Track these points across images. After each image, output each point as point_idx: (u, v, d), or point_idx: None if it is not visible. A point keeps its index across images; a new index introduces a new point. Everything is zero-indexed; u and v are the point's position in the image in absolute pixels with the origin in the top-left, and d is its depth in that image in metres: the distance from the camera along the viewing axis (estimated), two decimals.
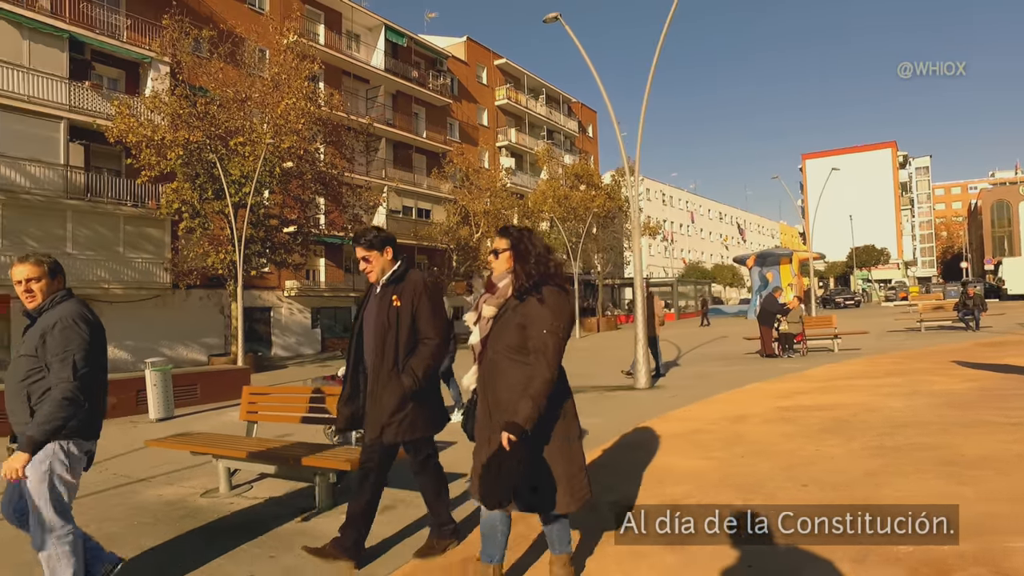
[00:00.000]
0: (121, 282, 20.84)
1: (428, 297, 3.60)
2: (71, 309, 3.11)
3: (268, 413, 6.02)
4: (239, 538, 4.43)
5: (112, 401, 11.14)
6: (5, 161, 18.46)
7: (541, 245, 2.97)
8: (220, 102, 19.71)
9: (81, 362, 2.97)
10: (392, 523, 4.48)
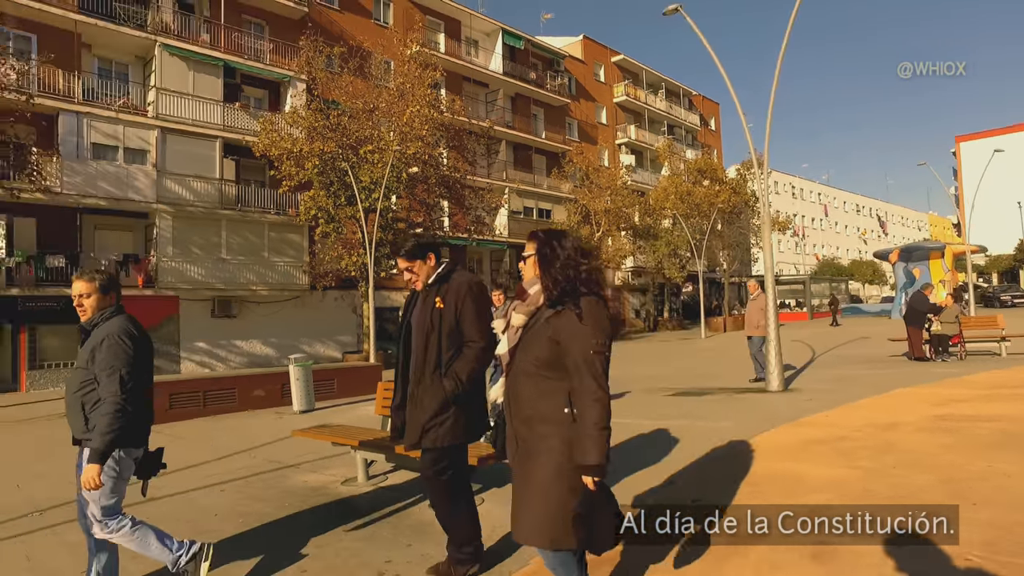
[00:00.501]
0: (266, 284, 22.66)
1: (472, 299, 3.44)
2: (118, 325, 3.32)
3: None
4: (374, 526, 4.66)
5: (260, 393, 12.14)
6: (174, 178, 20.64)
7: (571, 248, 2.67)
8: (350, 113, 20.90)
9: (127, 376, 3.21)
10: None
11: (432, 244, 3.67)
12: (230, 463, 7.32)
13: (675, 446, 6.69)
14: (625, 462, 6.03)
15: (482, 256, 32.55)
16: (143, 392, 3.36)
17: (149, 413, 3.50)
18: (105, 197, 19.33)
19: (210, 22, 22.83)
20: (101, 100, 20.13)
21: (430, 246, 3.64)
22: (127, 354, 3.25)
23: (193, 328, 21.35)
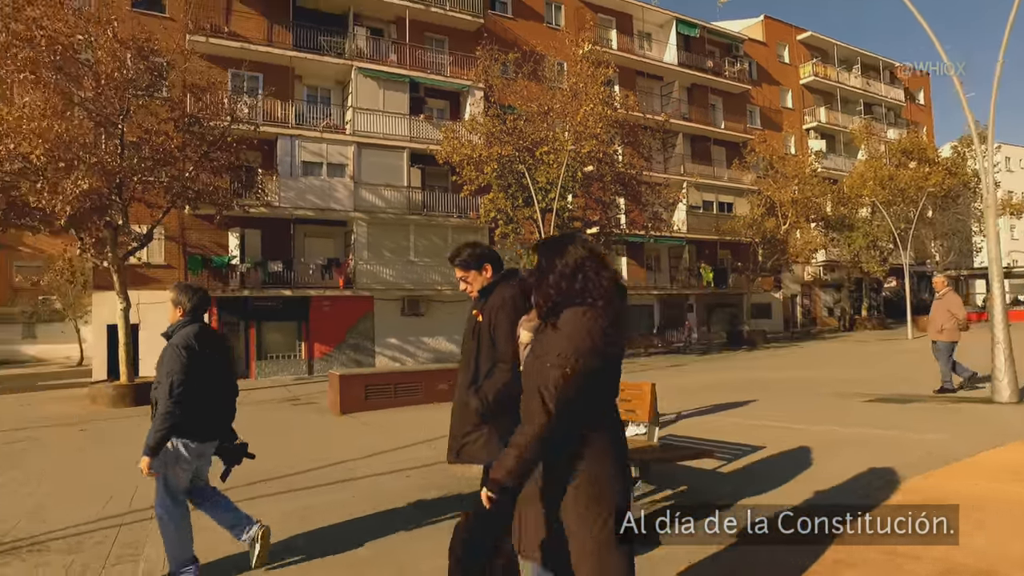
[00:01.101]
0: (450, 284, 24.01)
1: (506, 315, 3.16)
2: (180, 337, 3.69)
3: None
4: None
5: (444, 387, 12.84)
6: (368, 188, 22.66)
7: (572, 257, 2.33)
8: (526, 117, 21.46)
9: (178, 384, 3.54)
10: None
11: (489, 254, 3.45)
12: (414, 452, 7.84)
13: (872, 458, 6.01)
14: (813, 473, 5.53)
15: (660, 253, 31.80)
16: (204, 394, 3.70)
17: (217, 411, 3.87)
18: (312, 208, 21.72)
19: (397, 43, 24.73)
20: (308, 123, 22.69)
21: (487, 256, 3.44)
22: (180, 363, 3.60)
23: (386, 325, 23.25)
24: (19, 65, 13.77)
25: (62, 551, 4.57)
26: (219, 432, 3.94)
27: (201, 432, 3.79)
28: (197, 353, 3.71)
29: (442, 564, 3.09)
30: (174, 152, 15.57)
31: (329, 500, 5.64)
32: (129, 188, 15.12)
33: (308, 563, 4.13)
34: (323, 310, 22.19)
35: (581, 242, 2.42)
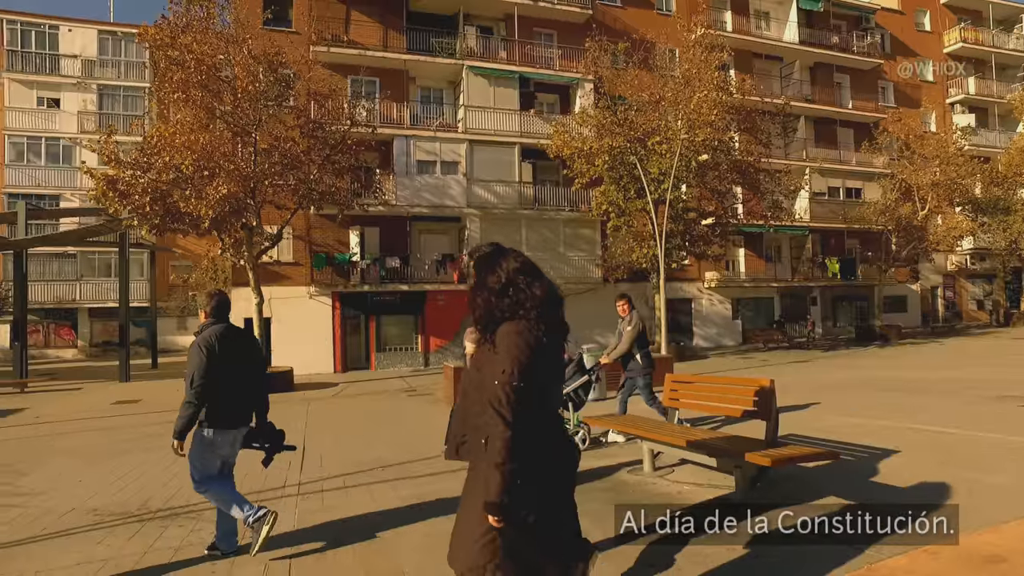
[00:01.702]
0: (562, 278, 24.02)
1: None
2: (203, 337, 4.10)
3: (690, 401, 6.14)
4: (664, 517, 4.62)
5: None
6: (480, 184, 23.13)
7: (503, 272, 2.40)
8: (637, 107, 21.02)
9: (197, 378, 3.96)
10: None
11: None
12: None
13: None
14: (963, 485, 5.04)
15: (780, 243, 30.16)
16: (226, 387, 4.07)
17: (242, 402, 4.23)
18: (427, 205, 22.46)
19: (506, 40, 25.00)
20: (422, 123, 23.46)
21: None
22: (200, 360, 4.01)
23: None
24: (173, 87, 15.32)
25: (209, 520, 5.03)
26: (241, 421, 4.26)
27: (223, 421, 4.13)
28: (218, 351, 4.07)
29: None
30: (300, 156, 16.65)
31: (441, 488, 5.82)
32: (261, 191, 16.33)
33: (430, 540, 4.29)
34: (438, 304, 22.92)
35: (513, 256, 2.47)
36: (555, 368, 2.42)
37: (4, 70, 31.62)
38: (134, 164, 15.07)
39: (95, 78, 32.45)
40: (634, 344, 7.45)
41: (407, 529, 4.69)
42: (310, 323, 21.47)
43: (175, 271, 32.29)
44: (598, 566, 2.98)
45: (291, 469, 6.96)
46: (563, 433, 2.53)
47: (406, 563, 4.02)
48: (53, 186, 31.35)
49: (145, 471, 7.18)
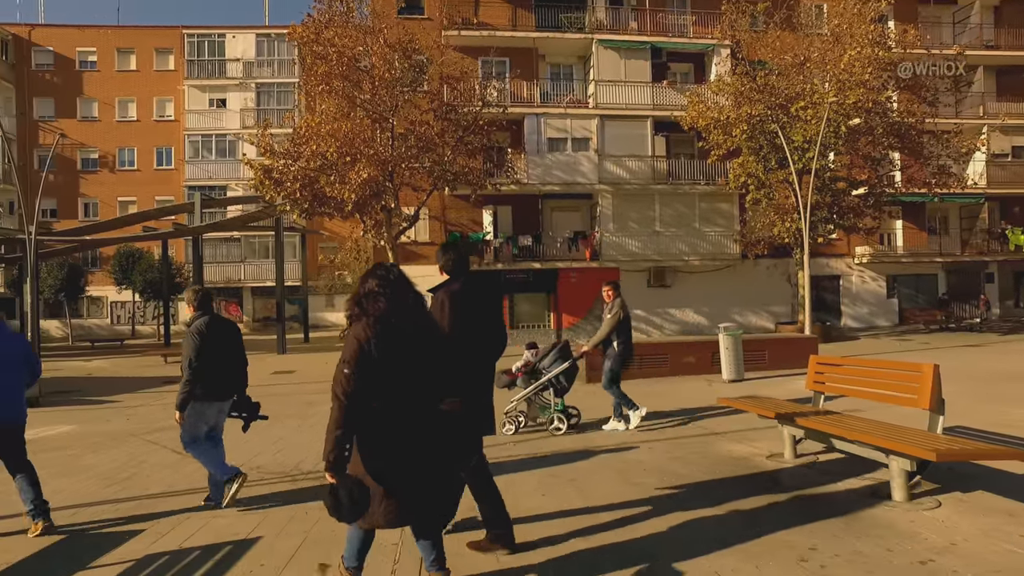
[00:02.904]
0: (697, 254, 23.15)
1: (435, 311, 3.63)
2: (194, 326, 4.85)
3: (837, 385, 5.68)
4: (800, 508, 4.33)
5: (691, 360, 12.51)
6: (611, 160, 22.73)
7: (363, 287, 3.04)
8: (778, 71, 19.61)
9: (193, 360, 4.70)
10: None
11: (446, 261, 3.88)
12: (659, 424, 7.75)
13: None
14: None
15: (947, 213, 27.03)
16: (217, 367, 4.82)
17: (226, 378, 4.97)
18: (559, 183, 22.43)
19: (637, 9, 24.17)
20: (552, 100, 23.36)
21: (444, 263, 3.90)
22: (192, 345, 4.75)
23: (632, 297, 23.08)
24: (318, 79, 16.37)
25: None
26: (226, 394, 5.02)
27: (211, 394, 4.88)
28: (206, 337, 4.81)
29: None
30: (435, 139, 17.21)
31: (573, 468, 5.83)
32: (399, 174, 17.09)
33: (550, 521, 4.31)
34: (570, 282, 22.93)
35: (375, 277, 3.06)
36: (405, 362, 2.93)
37: (184, 78, 35.38)
38: (285, 154, 16.32)
39: (253, 78, 35.44)
40: (613, 331, 7.27)
41: (544, 503, 4.75)
42: None
43: (323, 252, 34.72)
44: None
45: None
46: (428, 411, 3.01)
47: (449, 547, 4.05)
48: (222, 178, 34.77)
49: (301, 436, 7.81)
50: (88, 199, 35.96)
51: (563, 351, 7.38)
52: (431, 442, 2.97)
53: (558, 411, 7.22)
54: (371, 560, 3.26)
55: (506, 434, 7.16)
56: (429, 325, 3.16)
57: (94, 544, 4.31)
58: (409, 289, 3.08)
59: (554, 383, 7.24)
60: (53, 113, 35.94)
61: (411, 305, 3.05)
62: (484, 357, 3.74)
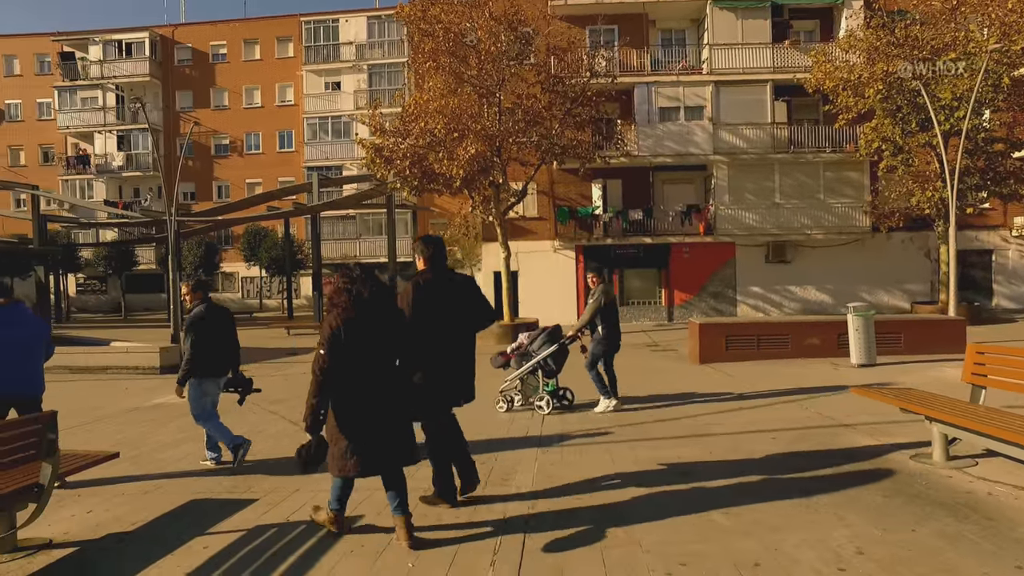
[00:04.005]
0: (821, 227, 21.48)
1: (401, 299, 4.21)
2: (194, 313, 5.71)
3: (1001, 379, 4.90)
4: (962, 522, 3.75)
5: (815, 342, 11.59)
6: (727, 128, 21.45)
7: (335, 283, 3.81)
8: (922, 20, 17.58)
9: (195, 341, 5.55)
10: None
11: (424, 248, 4.39)
12: (780, 411, 7.17)
13: None
14: None
15: None
16: (214, 348, 5.63)
17: (225, 358, 5.76)
18: (670, 155, 21.47)
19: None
20: (664, 68, 22.29)
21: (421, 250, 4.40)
22: (195, 329, 5.60)
23: (748, 273, 22.02)
24: (425, 57, 16.47)
25: None
26: (222, 371, 5.77)
27: (210, 371, 5.68)
28: (204, 323, 5.65)
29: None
30: (542, 112, 16.89)
31: (681, 454, 5.46)
32: (506, 149, 16.94)
33: (656, 524, 4.02)
34: (683, 257, 22.03)
35: (343, 276, 3.81)
36: (366, 342, 3.66)
37: (302, 64, 37.06)
38: (395, 132, 16.58)
39: (365, 60, 36.50)
40: (595, 316, 7.44)
41: (645, 496, 4.46)
42: (555, 276, 22.09)
43: (433, 228, 35.45)
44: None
45: (532, 420, 7.13)
46: (389, 377, 3.79)
47: (644, 536, 3.78)
48: (338, 158, 36.25)
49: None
50: (220, 182, 38.71)
51: (552, 335, 7.59)
52: (388, 404, 3.73)
53: (547, 391, 7.48)
54: (468, 559, 3.11)
55: (499, 411, 7.54)
56: (388, 311, 3.84)
57: (217, 508, 4.53)
58: (369, 285, 3.76)
59: (542, 365, 7.49)
60: (191, 104, 38.84)
61: (370, 298, 3.71)
62: (452, 335, 4.24)
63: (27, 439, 3.90)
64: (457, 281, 4.42)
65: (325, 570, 3.43)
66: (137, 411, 8.63)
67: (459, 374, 4.32)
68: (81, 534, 4.18)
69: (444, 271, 4.36)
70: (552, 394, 7.50)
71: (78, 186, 38.99)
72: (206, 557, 3.68)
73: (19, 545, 3.97)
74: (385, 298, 3.82)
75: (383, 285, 3.89)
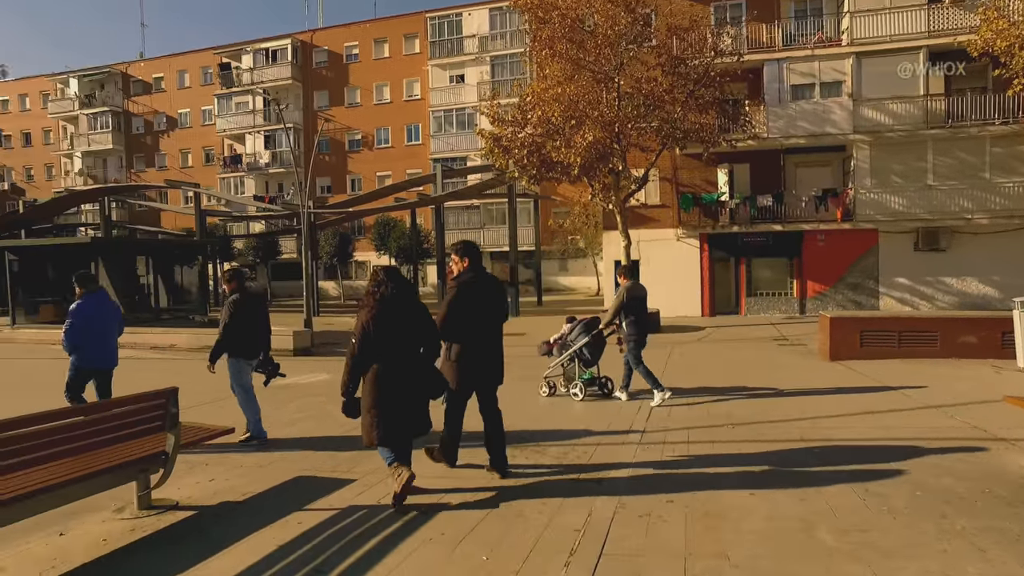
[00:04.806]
0: (986, 211, 19.06)
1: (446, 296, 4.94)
2: (229, 301, 6.16)
3: None
4: None
5: (971, 340, 10.31)
6: (869, 104, 19.55)
7: (371, 279, 4.47)
8: None
9: (228, 323, 6.01)
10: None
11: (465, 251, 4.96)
12: (918, 418, 6.43)
13: None
14: None
15: None
16: (247, 330, 6.12)
17: (256, 341, 6.26)
18: (804, 135, 19.94)
19: None
20: (797, 42, 20.65)
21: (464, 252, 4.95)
22: (229, 313, 6.08)
23: (893, 262, 20.02)
24: (542, 44, 16.38)
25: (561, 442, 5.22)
26: (255, 354, 6.25)
27: (245, 353, 6.18)
28: (239, 308, 6.08)
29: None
30: (663, 96, 16.28)
31: (794, 460, 5.02)
32: (626, 135, 16.50)
33: (751, 535, 3.69)
34: (817, 245, 20.46)
35: (372, 278, 4.47)
36: (399, 326, 4.31)
37: (428, 59, 38.29)
38: (513, 121, 16.64)
39: (488, 51, 37.02)
40: (617, 313, 7.67)
41: (747, 504, 4.13)
42: (677, 265, 21.32)
43: (554, 217, 35.46)
44: None
45: (639, 413, 6.89)
46: (411, 362, 4.40)
47: (733, 549, 3.49)
48: (462, 149, 37.13)
49: (523, 396, 7.92)
50: (354, 175, 40.97)
51: (588, 326, 7.98)
52: (410, 385, 4.34)
53: (583, 379, 7.85)
54: (548, 545, 2.99)
55: (542, 395, 8.00)
56: (411, 307, 4.41)
57: (318, 486, 4.76)
58: (393, 284, 4.37)
59: (579, 355, 7.88)
60: (327, 103, 41.37)
61: (393, 296, 4.32)
62: (486, 326, 4.89)
63: (154, 411, 4.31)
64: (490, 281, 5.04)
65: (403, 555, 3.48)
66: (265, 389, 9.28)
67: (491, 359, 4.94)
68: (202, 499, 4.56)
69: (482, 272, 4.96)
70: (589, 382, 7.87)
71: (232, 183, 42.82)
72: (299, 532, 3.86)
73: (153, 504, 4.44)
74: (408, 295, 4.43)
75: (407, 284, 4.50)
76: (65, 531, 4.03)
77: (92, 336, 6.12)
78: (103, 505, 4.39)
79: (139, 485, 4.38)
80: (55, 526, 4.07)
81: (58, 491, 3.69)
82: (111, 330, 6.33)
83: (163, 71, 45.93)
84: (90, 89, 47.32)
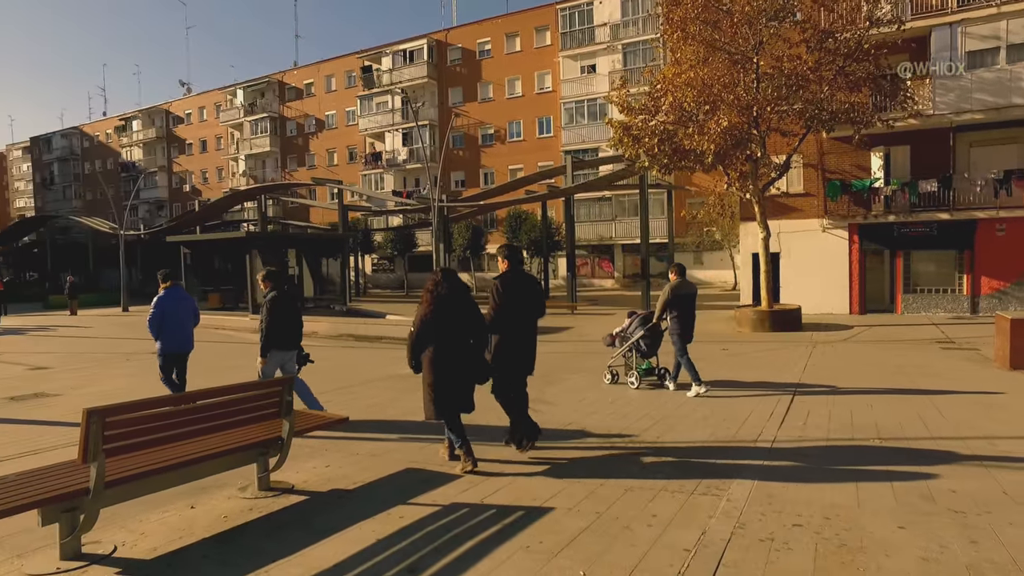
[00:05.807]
0: None
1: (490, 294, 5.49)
2: (267, 299, 6.51)
3: None
4: None
5: None
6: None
7: (431, 279, 5.09)
8: None
9: (267, 322, 6.41)
10: None
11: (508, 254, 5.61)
12: None
13: None
14: None
15: None
16: (281, 327, 6.46)
17: (293, 334, 6.64)
18: (981, 110, 17.53)
19: None
20: (977, 0, 18.15)
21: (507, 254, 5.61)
22: (267, 311, 6.43)
23: None
24: (673, 27, 15.61)
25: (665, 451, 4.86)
26: (291, 346, 6.66)
27: (280, 344, 6.53)
28: (276, 306, 6.47)
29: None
30: (807, 74, 14.96)
31: (959, 488, 4.30)
32: (765, 119, 15.35)
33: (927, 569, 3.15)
34: (995, 236, 17.96)
35: (431, 276, 5.14)
36: (451, 319, 4.95)
37: (559, 51, 38.10)
38: (643, 109, 16.03)
39: (619, 39, 36.13)
40: (664, 310, 8.11)
41: (895, 540, 3.56)
42: (822, 258, 19.63)
43: (688, 208, 34.02)
44: None
45: (771, 420, 6.31)
46: (460, 350, 5.04)
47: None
48: (593, 140, 36.59)
49: (641, 397, 7.55)
50: (486, 169, 41.72)
51: (644, 320, 8.51)
52: (460, 370, 4.96)
53: (641, 369, 8.46)
54: (651, 565, 2.71)
55: (605, 383, 8.62)
56: (464, 303, 5.01)
57: (424, 480, 4.76)
58: (448, 282, 4.99)
59: (637, 346, 8.45)
60: (461, 99, 42.41)
61: (448, 294, 4.93)
62: (523, 321, 5.39)
63: (270, 398, 4.49)
64: (528, 280, 5.57)
65: (497, 561, 3.32)
66: (392, 379, 9.57)
67: (525, 350, 5.43)
68: (316, 485, 4.70)
69: (521, 272, 5.51)
70: (647, 372, 8.51)
71: (372, 179, 45.18)
72: (399, 526, 3.83)
73: (272, 485, 4.65)
74: (461, 293, 5.04)
75: (460, 284, 5.11)
76: (196, 504, 4.30)
77: (171, 324, 7.22)
78: (231, 482, 4.65)
79: (259, 467, 4.60)
80: (190, 498, 4.38)
81: (187, 468, 3.94)
82: (187, 319, 7.41)
83: (312, 77, 49.37)
84: (252, 98, 51.96)
